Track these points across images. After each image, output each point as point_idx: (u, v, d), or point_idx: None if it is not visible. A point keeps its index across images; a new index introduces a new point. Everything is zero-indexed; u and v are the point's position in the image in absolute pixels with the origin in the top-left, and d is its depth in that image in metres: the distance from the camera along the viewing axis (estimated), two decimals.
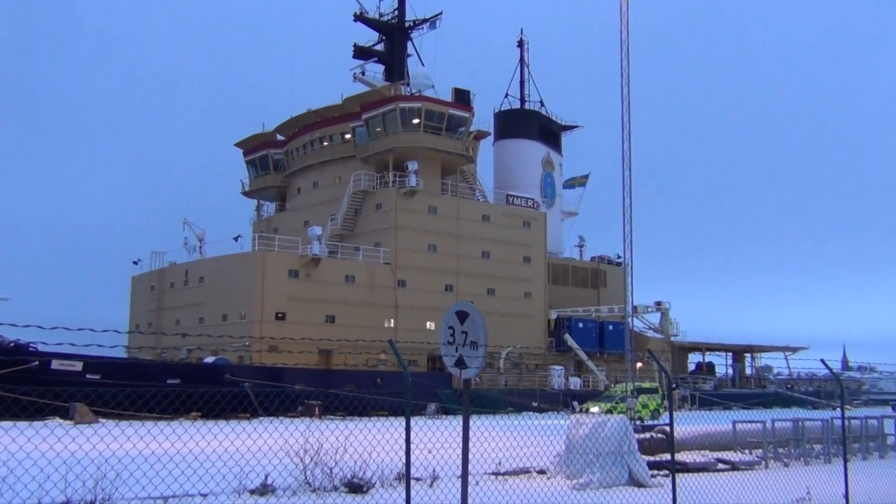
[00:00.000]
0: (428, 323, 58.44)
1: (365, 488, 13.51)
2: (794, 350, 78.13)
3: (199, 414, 29.78)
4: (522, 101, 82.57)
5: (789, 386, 79.51)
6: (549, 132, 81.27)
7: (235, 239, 62.95)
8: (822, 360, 14.13)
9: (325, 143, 66.89)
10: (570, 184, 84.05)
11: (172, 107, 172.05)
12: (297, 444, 13.44)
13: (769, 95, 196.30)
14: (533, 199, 69.65)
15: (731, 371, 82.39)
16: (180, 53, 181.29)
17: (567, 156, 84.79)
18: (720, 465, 19.57)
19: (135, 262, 64.56)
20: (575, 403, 53.32)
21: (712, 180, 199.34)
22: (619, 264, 74.90)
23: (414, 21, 68.92)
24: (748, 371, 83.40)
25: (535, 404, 53.83)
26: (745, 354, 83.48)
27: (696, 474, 17.91)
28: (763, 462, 20.76)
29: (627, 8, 43.68)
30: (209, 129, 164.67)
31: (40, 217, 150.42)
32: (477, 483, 14.97)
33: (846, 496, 13.35)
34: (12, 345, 37.17)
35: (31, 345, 37.09)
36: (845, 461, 13.94)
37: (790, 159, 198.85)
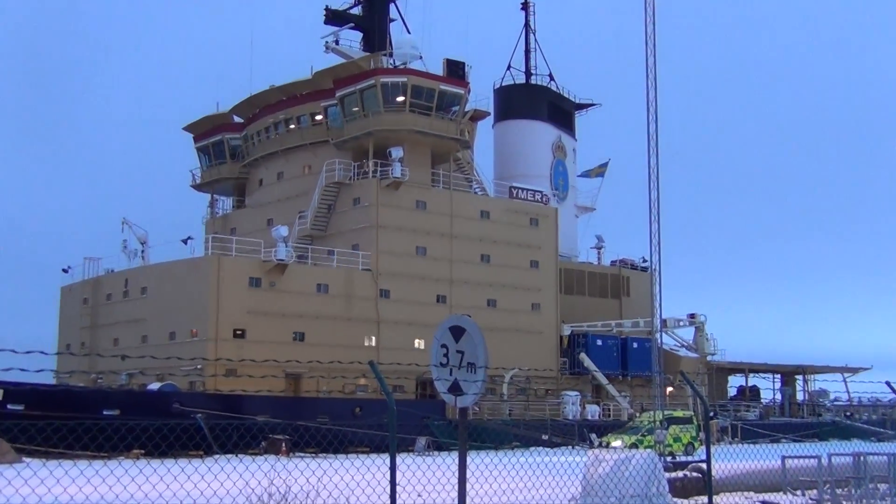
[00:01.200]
0: (416, 341, 58.72)
1: None
2: (855, 371, 78.39)
3: (143, 451, 29.74)
4: (528, 74, 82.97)
5: (849, 414, 79.84)
6: (560, 111, 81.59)
7: (185, 241, 63.12)
8: (888, 383, 14.20)
9: (292, 126, 67.09)
10: (585, 173, 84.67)
11: (106, 82, 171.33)
12: (260, 487, 13.39)
13: (831, 65, 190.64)
14: (541, 192, 70.23)
15: (779, 396, 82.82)
16: (114, 18, 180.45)
17: (582, 140, 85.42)
18: None
19: (64, 270, 64.73)
20: (593, 436, 53.51)
21: (756, 167, 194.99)
22: (644, 269, 75.37)
23: None
24: (800, 396, 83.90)
25: (545, 437, 54.12)
26: (797, 377, 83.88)
27: None
28: None
29: None
30: (152, 109, 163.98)
31: None
32: None
33: None
34: None
35: None
36: None
37: (856, 140, 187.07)
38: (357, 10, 69.73)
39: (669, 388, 65.29)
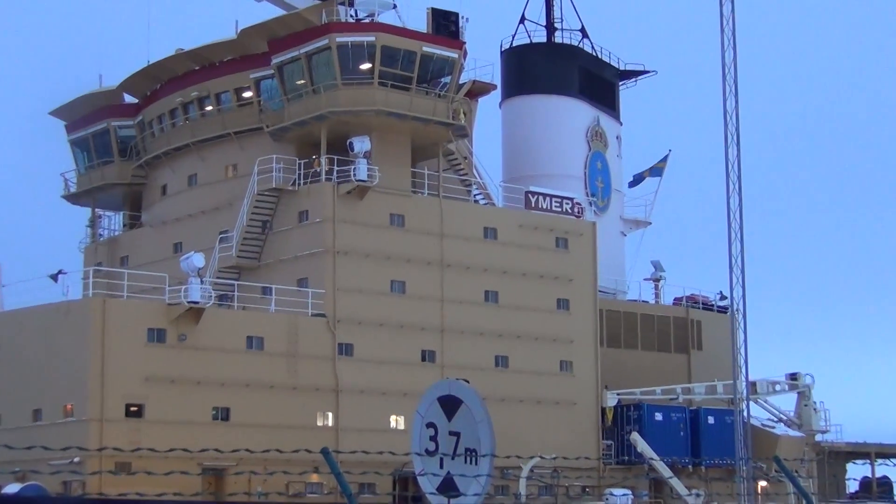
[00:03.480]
0: (392, 418, 59.13)
1: None
2: None
3: None
4: (550, 29, 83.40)
5: None
6: (597, 83, 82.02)
7: (54, 277, 62.83)
8: None
9: (209, 108, 67.46)
10: (639, 177, 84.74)
11: None
12: None
13: None
14: (572, 200, 70.32)
15: None
16: None
17: (629, 123, 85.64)
18: None
19: None
20: None
21: (877, 175, 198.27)
22: (724, 310, 75.24)
23: None
24: None
25: None
26: None
27: None
28: None
29: None
30: (9, 87, 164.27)
31: None
32: None
33: None
34: None
35: None
36: None
37: None
38: None
39: (762, 482, 65.06)
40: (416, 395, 14.35)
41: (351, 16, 65.40)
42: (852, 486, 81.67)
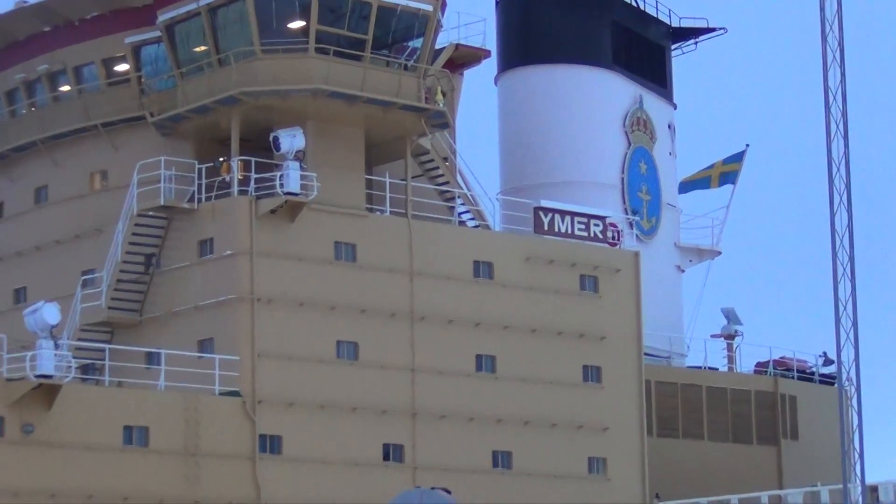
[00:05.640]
0: None
1: None
2: None
3: None
4: None
5: None
6: (639, 46, 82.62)
7: None
8: None
9: (65, 88, 67.65)
10: (700, 177, 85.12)
11: None
12: None
13: None
14: (603, 220, 70.74)
15: None
16: None
17: (685, 104, 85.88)
18: None
19: None
20: None
21: None
22: (829, 380, 75.18)
23: None
24: None
25: None
26: None
27: None
28: None
29: None
30: None
31: None
32: None
33: None
34: None
35: None
36: None
37: None
38: None
39: None
40: None
41: None
42: None
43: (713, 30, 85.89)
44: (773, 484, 74.61)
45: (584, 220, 69.61)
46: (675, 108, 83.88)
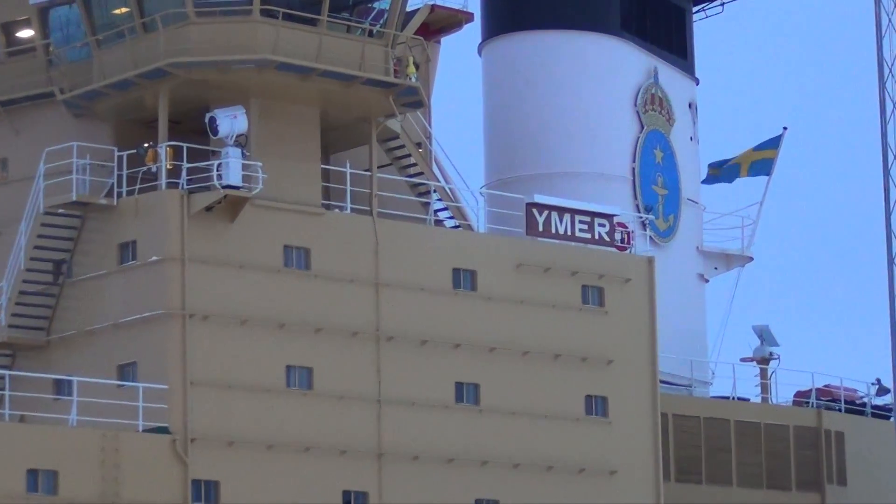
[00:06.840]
0: None
1: None
2: None
3: None
4: None
5: None
6: (655, 9, 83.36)
7: None
8: None
9: None
10: (727, 167, 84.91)
11: None
12: None
13: None
14: (611, 218, 70.19)
15: None
16: None
17: (708, 79, 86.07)
18: None
19: None
20: None
21: None
22: (882, 413, 75.69)
23: None
24: None
25: None
26: None
27: None
28: None
29: None
30: None
31: None
32: None
33: None
34: None
35: None
36: None
37: None
38: None
39: None
40: None
41: None
42: None
43: None
44: None
45: (587, 218, 69.67)
46: (698, 84, 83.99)
